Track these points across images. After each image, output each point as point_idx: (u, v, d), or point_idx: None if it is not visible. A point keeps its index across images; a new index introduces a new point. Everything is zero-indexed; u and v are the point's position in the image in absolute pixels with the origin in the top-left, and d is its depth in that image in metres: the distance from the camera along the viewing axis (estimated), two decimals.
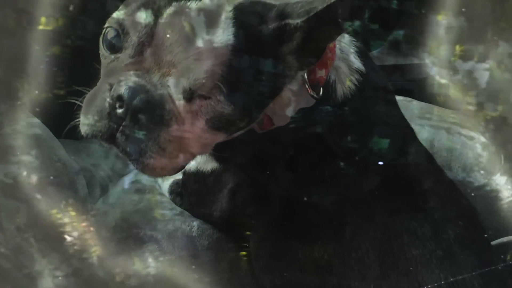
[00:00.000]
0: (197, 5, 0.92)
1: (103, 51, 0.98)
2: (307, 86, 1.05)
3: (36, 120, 1.24)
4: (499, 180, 1.37)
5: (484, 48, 1.24)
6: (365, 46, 1.18)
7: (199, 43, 0.90)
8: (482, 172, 1.38)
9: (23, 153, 1.14)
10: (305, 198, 1.10)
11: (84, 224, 1.11)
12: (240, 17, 0.93)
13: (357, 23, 0.92)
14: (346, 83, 1.10)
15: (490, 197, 1.37)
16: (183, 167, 1.01)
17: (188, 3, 0.92)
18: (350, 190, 1.09)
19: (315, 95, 1.06)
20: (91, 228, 1.12)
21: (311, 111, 1.07)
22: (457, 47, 1.25)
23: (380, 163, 1.09)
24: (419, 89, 1.51)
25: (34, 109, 1.21)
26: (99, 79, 0.99)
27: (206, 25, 0.92)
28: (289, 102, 1.06)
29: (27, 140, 1.17)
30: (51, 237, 1.06)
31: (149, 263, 1.17)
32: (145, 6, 0.93)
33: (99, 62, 1.01)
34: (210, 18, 0.92)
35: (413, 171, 1.12)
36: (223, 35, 0.91)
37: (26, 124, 1.20)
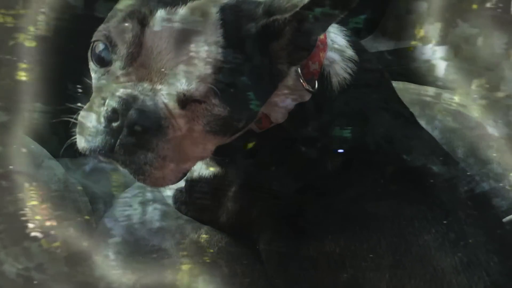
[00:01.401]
0: (183, 10, 0.92)
1: (92, 65, 0.97)
2: (301, 81, 1.04)
3: (32, 141, 1.24)
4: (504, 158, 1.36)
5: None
6: (356, 34, 1.17)
7: (188, 48, 0.89)
8: (486, 150, 1.37)
9: (22, 175, 1.12)
10: (311, 194, 1.09)
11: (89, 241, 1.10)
12: (228, 18, 0.92)
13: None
14: (340, 74, 1.10)
15: (496, 174, 1.36)
16: (185, 174, 1.00)
17: (174, 9, 0.91)
18: (355, 181, 1.08)
19: (311, 89, 1.05)
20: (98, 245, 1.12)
21: (308, 105, 1.06)
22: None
23: (383, 150, 1.09)
24: (414, 73, 1.51)
25: (28, 131, 1.20)
26: (91, 95, 0.98)
27: (194, 29, 0.91)
28: (285, 98, 1.05)
29: (25, 162, 1.16)
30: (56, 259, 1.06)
31: (159, 274, 1.16)
32: (130, 16, 0.92)
33: (89, 78, 1.00)
34: (197, 22, 0.91)
35: (417, 155, 1.11)
36: (212, 37, 0.90)
37: (22, 146, 1.19)
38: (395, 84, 1.25)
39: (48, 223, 1.11)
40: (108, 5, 0.99)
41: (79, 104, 0.99)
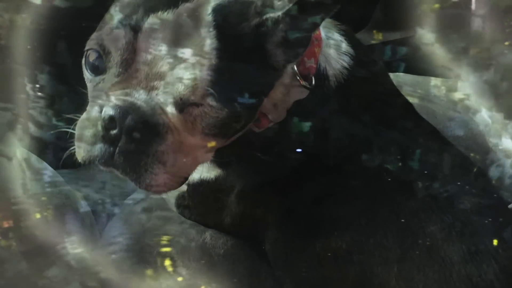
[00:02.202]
0: (175, 13, 0.91)
1: (87, 74, 0.97)
2: (298, 78, 1.04)
3: (31, 155, 1.23)
4: (507, 143, 1.35)
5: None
6: (350, 28, 1.17)
7: (183, 51, 0.89)
8: (488, 136, 1.37)
9: (23, 189, 1.12)
10: (315, 191, 1.08)
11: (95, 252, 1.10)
12: (220, 19, 0.92)
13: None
14: (337, 68, 1.09)
15: (499, 159, 1.35)
16: (186, 179, 1.00)
17: (165, 13, 0.91)
18: (359, 175, 1.08)
19: (308, 85, 1.05)
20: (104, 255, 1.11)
21: (306, 102, 1.06)
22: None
23: (384, 142, 1.08)
24: (411, 63, 1.51)
25: (27, 144, 1.20)
26: (87, 104, 0.97)
27: (187, 32, 0.91)
28: (283, 97, 1.05)
29: (25, 176, 1.16)
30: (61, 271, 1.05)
31: (166, 280, 1.15)
32: (122, 23, 0.92)
33: (84, 87, 0.99)
34: (190, 25, 0.91)
35: (419, 145, 1.11)
36: (206, 39, 0.90)
37: (21, 160, 1.18)
38: (392, 75, 1.25)
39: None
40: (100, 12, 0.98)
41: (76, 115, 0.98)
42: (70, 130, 0.98)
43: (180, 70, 0.88)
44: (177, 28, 0.90)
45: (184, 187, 1.22)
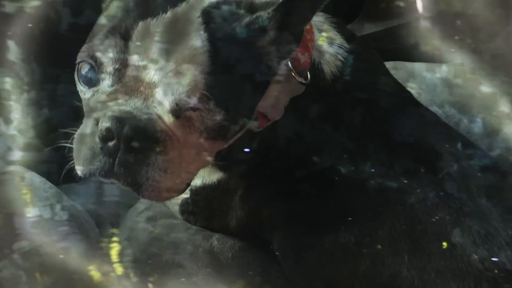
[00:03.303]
0: (164, 19, 0.91)
1: (80, 87, 0.97)
2: (293, 74, 1.03)
3: (31, 172, 1.23)
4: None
5: None
6: (342, 20, 1.16)
7: (175, 56, 0.88)
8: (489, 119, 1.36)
9: (25, 206, 1.11)
10: (319, 187, 1.08)
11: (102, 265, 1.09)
12: (210, 21, 0.91)
13: None
14: (331, 62, 1.09)
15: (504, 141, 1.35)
16: (188, 184, 1.00)
17: (155, 19, 0.90)
18: (362, 167, 1.07)
19: (304, 81, 1.04)
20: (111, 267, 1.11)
21: (303, 98, 1.05)
22: None
23: (385, 132, 1.08)
24: (406, 50, 1.51)
25: (26, 162, 1.19)
26: (83, 117, 0.97)
27: (178, 37, 0.90)
28: (279, 94, 1.05)
29: (26, 193, 1.15)
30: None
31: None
32: (112, 32, 0.91)
33: (79, 100, 0.99)
34: (180, 29, 0.90)
35: (421, 133, 1.10)
36: (197, 42, 0.89)
37: (21, 178, 1.17)
38: (388, 64, 1.24)
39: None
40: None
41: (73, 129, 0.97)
42: (68, 145, 0.97)
43: (174, 75, 0.88)
44: (168, 33, 0.90)
45: (187, 193, 1.22)
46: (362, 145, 1.07)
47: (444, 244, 0.99)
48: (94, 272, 1.07)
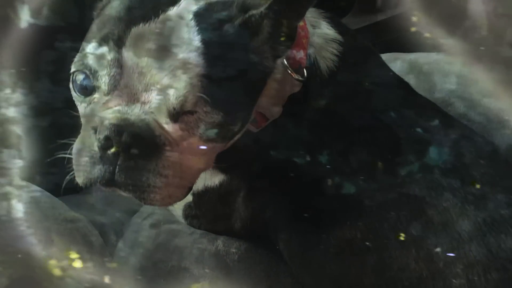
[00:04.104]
0: (156, 23, 0.90)
1: (76, 97, 0.96)
2: (289, 72, 1.03)
3: (31, 185, 1.22)
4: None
5: None
6: (335, 14, 1.16)
7: (169, 60, 0.88)
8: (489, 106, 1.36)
9: (27, 220, 1.11)
10: (321, 183, 1.07)
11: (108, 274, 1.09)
12: (203, 23, 0.91)
13: None
14: (327, 57, 1.09)
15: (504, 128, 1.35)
16: (190, 188, 0.99)
17: (147, 24, 0.90)
18: (363, 161, 1.07)
19: (300, 78, 1.04)
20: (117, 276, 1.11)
21: (301, 95, 1.05)
22: None
23: (385, 125, 1.07)
24: (402, 41, 1.50)
25: (25, 175, 1.19)
26: (80, 127, 0.96)
27: (171, 40, 0.90)
28: (277, 93, 1.04)
29: (27, 207, 1.14)
30: None
31: None
32: (104, 40, 0.91)
33: (76, 110, 0.98)
34: (173, 32, 0.90)
35: (420, 123, 1.10)
36: (191, 45, 0.89)
37: (22, 191, 1.17)
38: (384, 56, 1.24)
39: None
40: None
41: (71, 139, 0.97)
42: (67, 155, 0.97)
43: (170, 79, 0.87)
44: (161, 37, 0.89)
45: (189, 197, 1.22)
46: (362, 138, 1.07)
47: (450, 233, 0.99)
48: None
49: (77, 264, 1.10)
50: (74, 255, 1.11)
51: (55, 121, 1.22)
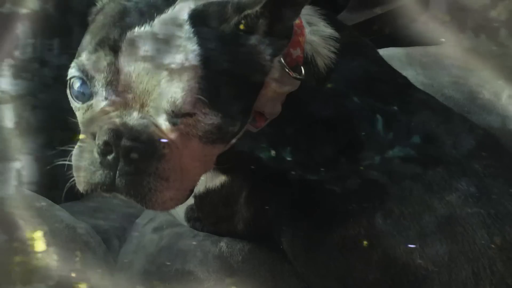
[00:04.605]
0: (152, 26, 0.90)
1: (74, 103, 0.96)
2: (287, 70, 1.03)
3: (32, 193, 1.22)
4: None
5: None
6: (331, 11, 1.16)
7: (166, 63, 0.88)
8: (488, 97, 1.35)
9: (29, 228, 1.10)
10: (323, 180, 1.07)
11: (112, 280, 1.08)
12: (199, 24, 0.91)
13: None
14: (324, 54, 1.09)
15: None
16: (191, 191, 0.99)
17: (142, 28, 0.90)
18: (365, 157, 1.06)
19: (298, 76, 1.03)
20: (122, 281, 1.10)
21: (299, 93, 1.04)
22: None
23: (385, 120, 1.07)
24: (399, 36, 1.50)
25: (25, 183, 1.18)
26: (79, 133, 0.96)
27: (168, 43, 0.89)
28: (275, 92, 1.04)
29: (29, 215, 1.14)
30: None
31: None
32: (100, 45, 0.90)
33: (74, 116, 0.98)
34: (169, 35, 0.90)
35: (420, 118, 1.09)
36: (187, 47, 0.89)
37: (23, 200, 1.17)
38: (381, 51, 1.23)
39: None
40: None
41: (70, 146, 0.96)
42: (67, 162, 0.96)
43: (167, 82, 0.87)
44: (157, 41, 0.89)
45: (191, 200, 1.21)
46: (362, 134, 1.07)
47: (454, 227, 0.99)
48: None
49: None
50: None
51: (54, 126, 1.22)
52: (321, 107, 1.07)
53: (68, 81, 0.94)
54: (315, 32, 1.09)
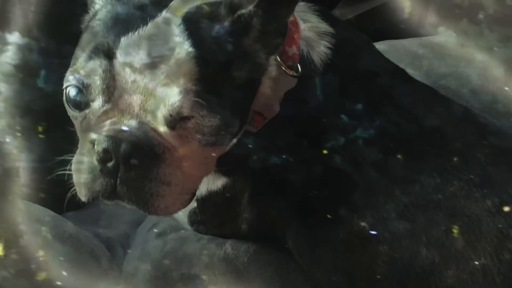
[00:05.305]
0: (145, 31, 0.89)
1: (71, 112, 0.95)
2: (283, 68, 1.03)
3: (33, 205, 1.21)
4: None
5: None
6: (324, 6, 1.15)
7: (162, 67, 0.87)
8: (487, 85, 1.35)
9: (32, 240, 1.10)
10: (325, 177, 1.06)
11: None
12: (192, 26, 0.91)
13: None
14: (320, 50, 1.08)
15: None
16: (194, 194, 0.99)
17: (136, 33, 0.89)
18: (365, 152, 1.06)
19: (295, 73, 1.03)
20: None
21: (297, 90, 1.04)
22: None
23: (384, 113, 1.07)
24: (394, 28, 1.50)
25: (26, 195, 1.18)
26: (78, 142, 0.96)
27: (162, 47, 0.89)
28: (272, 91, 1.04)
29: (32, 227, 1.13)
30: None
31: None
32: (95, 52, 0.90)
33: (71, 125, 0.98)
34: (163, 39, 0.89)
35: (420, 109, 1.09)
36: (182, 50, 0.88)
37: (26, 212, 1.16)
38: (377, 45, 1.23)
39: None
40: None
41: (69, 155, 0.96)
42: (67, 172, 0.96)
43: (164, 86, 0.87)
44: (151, 45, 0.89)
45: (194, 203, 1.21)
46: (363, 128, 1.06)
47: (460, 218, 0.98)
48: None
49: None
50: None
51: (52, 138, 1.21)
52: (320, 104, 1.06)
53: (64, 90, 0.94)
54: (310, 28, 1.09)
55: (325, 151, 1.06)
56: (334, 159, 1.06)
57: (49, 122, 1.25)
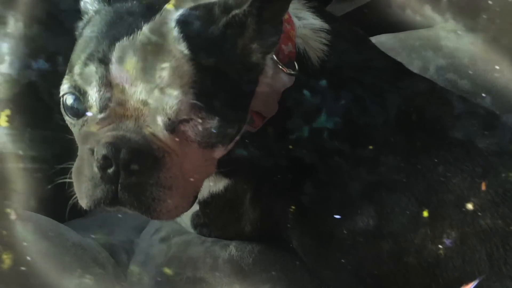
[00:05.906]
0: (140, 35, 0.89)
1: (69, 120, 0.95)
2: (280, 67, 1.02)
3: (35, 214, 1.21)
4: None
5: None
6: (319, 3, 1.15)
7: (158, 71, 0.87)
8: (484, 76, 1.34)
9: (35, 251, 1.09)
10: (327, 175, 1.06)
11: None
12: (187, 29, 0.90)
13: None
14: (316, 47, 1.08)
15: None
16: (195, 197, 0.98)
17: (131, 38, 0.89)
18: (366, 147, 1.06)
19: (292, 72, 1.03)
20: None
21: (295, 89, 1.04)
22: None
23: (383, 108, 1.06)
24: (390, 22, 1.49)
25: (27, 205, 1.18)
26: (77, 150, 0.95)
27: (157, 51, 0.88)
28: (270, 90, 1.03)
29: (34, 236, 1.13)
30: None
31: None
32: (90, 59, 0.90)
33: (70, 133, 0.97)
34: (158, 42, 0.89)
35: (419, 102, 1.09)
36: (178, 53, 0.88)
37: (28, 221, 1.16)
38: (373, 39, 1.23)
39: None
40: None
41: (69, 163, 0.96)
42: (67, 180, 0.95)
43: (161, 90, 0.86)
44: (147, 49, 0.88)
45: (196, 206, 1.21)
46: (362, 124, 1.06)
47: (463, 209, 0.98)
48: None
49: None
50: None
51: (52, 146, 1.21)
52: (317, 102, 1.06)
53: (61, 98, 0.93)
54: (305, 25, 1.09)
55: (324, 150, 1.06)
56: (336, 156, 1.06)
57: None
